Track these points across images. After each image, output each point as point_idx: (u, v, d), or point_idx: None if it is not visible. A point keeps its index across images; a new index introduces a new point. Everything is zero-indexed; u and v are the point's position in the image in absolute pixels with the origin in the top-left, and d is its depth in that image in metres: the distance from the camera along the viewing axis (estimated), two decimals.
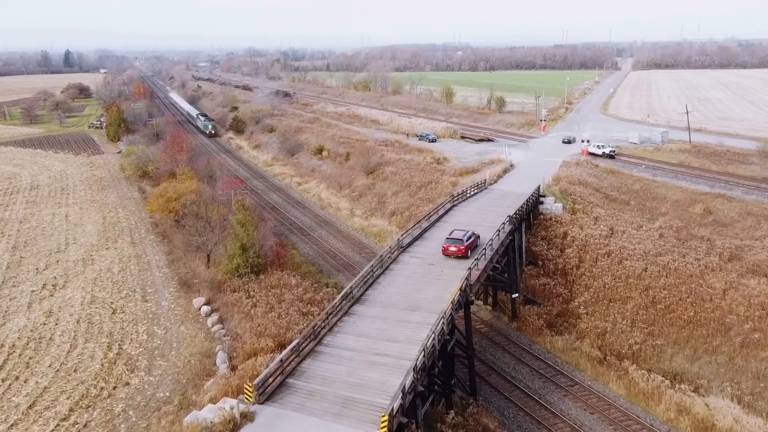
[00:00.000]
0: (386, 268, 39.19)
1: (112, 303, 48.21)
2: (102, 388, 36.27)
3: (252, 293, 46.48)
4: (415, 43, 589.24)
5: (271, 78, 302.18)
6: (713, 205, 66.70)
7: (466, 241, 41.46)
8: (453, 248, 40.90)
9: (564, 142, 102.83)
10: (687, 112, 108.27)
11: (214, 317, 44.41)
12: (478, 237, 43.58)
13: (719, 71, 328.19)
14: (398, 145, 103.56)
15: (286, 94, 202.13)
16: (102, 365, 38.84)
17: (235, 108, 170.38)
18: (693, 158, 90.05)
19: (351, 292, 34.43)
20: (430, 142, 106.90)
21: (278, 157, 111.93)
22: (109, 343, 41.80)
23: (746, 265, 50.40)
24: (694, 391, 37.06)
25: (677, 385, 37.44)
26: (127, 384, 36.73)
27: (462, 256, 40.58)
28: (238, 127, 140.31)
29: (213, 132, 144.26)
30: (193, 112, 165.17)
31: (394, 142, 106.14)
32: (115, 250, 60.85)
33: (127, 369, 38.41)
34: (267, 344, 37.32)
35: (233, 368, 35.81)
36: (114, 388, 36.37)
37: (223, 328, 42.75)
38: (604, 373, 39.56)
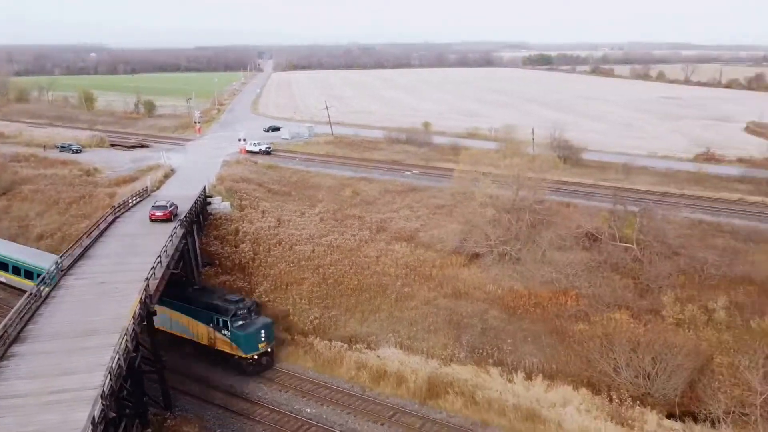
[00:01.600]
0: (47, 297, 34.53)
1: None
2: None
3: None
4: (38, 43, 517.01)
5: None
6: (359, 187, 76.60)
7: (170, 207, 49.85)
8: (159, 213, 48.87)
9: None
10: (327, 108, 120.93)
11: None
12: (177, 207, 51.12)
13: (346, 71, 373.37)
14: (35, 160, 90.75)
15: None
16: None
17: None
18: (337, 149, 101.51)
19: (5, 332, 29.42)
20: (74, 152, 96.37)
21: None
22: None
23: (391, 234, 59.82)
24: (367, 348, 42.51)
25: (354, 346, 42.41)
26: None
27: (167, 219, 48.39)
28: None
29: None
30: None
31: (29, 156, 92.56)
32: None
33: None
34: None
35: None
36: None
37: None
38: (293, 352, 42.33)
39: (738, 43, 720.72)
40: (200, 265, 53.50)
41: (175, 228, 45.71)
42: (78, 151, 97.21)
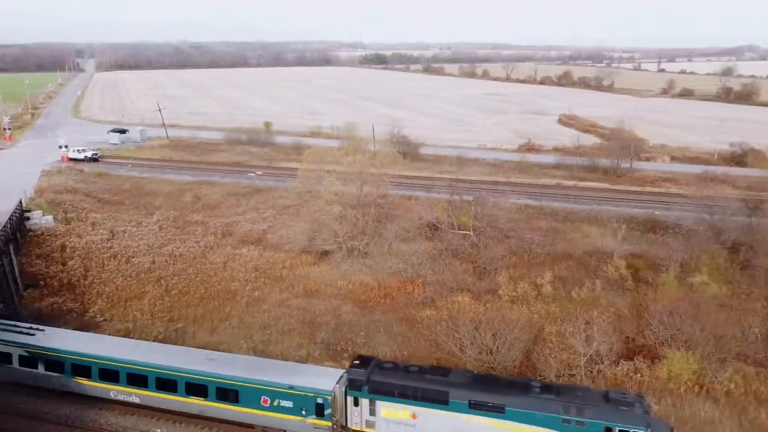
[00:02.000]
0: None
1: None
2: None
3: None
4: None
5: None
6: (200, 191, 73.49)
7: None
8: None
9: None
10: (160, 110, 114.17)
11: None
12: None
13: (179, 71, 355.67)
14: None
15: None
16: None
17: None
18: (173, 152, 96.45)
19: None
20: None
21: None
22: None
23: (237, 237, 58.26)
24: None
25: None
26: None
27: None
28: None
29: None
30: None
31: None
32: None
33: None
34: None
35: None
36: None
37: None
38: None
39: (549, 44, 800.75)
40: (21, 288, 47.91)
41: None
42: None
